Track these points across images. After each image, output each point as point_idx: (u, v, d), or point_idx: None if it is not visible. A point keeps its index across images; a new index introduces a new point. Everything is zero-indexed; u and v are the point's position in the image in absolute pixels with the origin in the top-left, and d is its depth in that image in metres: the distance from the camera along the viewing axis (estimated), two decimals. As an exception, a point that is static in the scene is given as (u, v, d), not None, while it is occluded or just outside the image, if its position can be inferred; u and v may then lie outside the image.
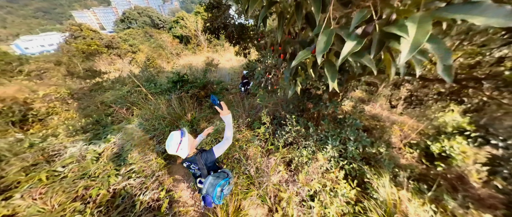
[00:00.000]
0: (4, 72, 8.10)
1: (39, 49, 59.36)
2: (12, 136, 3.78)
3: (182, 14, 27.51)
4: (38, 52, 47.33)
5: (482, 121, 3.05)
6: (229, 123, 1.64)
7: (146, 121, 4.67)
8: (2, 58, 8.30)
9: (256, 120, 4.13)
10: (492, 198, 2.68)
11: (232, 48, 7.67)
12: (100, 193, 2.73)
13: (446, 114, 3.44)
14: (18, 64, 9.13)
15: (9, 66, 8.60)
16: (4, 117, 5.29)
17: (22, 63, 9.35)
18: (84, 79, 9.12)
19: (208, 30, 6.31)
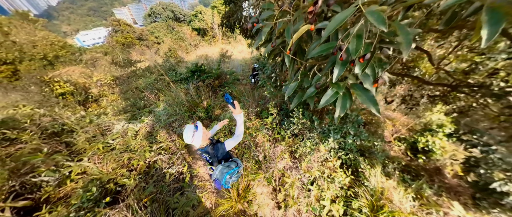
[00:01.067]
0: (70, 61, 8.71)
1: (92, 41, 62.76)
2: (78, 113, 4.06)
3: (200, 8, 26.07)
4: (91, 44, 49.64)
5: (463, 121, 2.85)
6: (240, 121, 1.55)
7: (169, 106, 4.73)
8: (68, 50, 9.02)
9: (264, 110, 4.02)
10: (460, 187, 2.70)
11: (244, 40, 7.22)
12: (139, 163, 2.90)
13: (433, 113, 3.25)
14: (79, 55, 9.72)
15: (73, 56, 9.20)
16: (75, 97, 5.78)
17: (81, 54, 9.99)
18: (123, 67, 9.39)
19: (224, 25, 5.91)
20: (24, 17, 8.92)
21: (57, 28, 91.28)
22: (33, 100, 4.62)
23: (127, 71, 8.95)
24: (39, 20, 10.32)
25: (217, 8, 22.35)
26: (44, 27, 9.67)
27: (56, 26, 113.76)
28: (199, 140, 1.50)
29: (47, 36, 8.43)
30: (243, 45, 14.13)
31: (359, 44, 0.56)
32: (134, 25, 23.57)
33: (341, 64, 0.63)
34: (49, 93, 5.44)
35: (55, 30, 63.62)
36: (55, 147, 2.81)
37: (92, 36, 68.47)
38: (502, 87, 1.84)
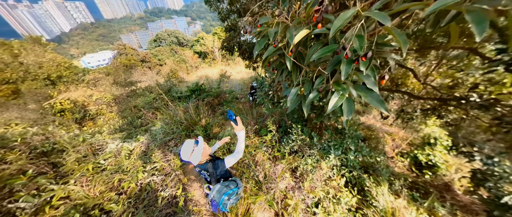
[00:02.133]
0: (73, 81, 9.03)
1: (97, 63, 66.51)
2: (72, 131, 3.94)
3: (202, 34, 28.39)
4: (95, 66, 52.27)
5: (460, 133, 2.90)
6: (242, 138, 1.53)
7: (167, 125, 4.67)
8: (72, 71, 9.47)
9: (263, 127, 4.01)
10: (475, 205, 2.58)
11: (242, 62, 7.68)
12: (130, 186, 2.69)
13: (428, 126, 3.32)
14: (82, 75, 10.10)
15: (76, 76, 9.56)
16: (72, 115, 5.78)
17: (84, 74, 10.40)
18: (124, 87, 9.63)
19: (224, 48, 6.39)
20: (36, 41, 9.48)
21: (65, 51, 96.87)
22: (28, 118, 4.52)
23: (127, 90, 9.13)
24: (50, 44, 10.95)
25: (218, 35, 24.42)
26: (53, 50, 10.19)
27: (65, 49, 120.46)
28: (198, 155, 1.43)
29: (54, 58, 8.81)
30: (241, 67, 14.93)
31: (361, 42, 0.59)
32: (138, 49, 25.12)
33: (347, 63, 0.64)
34: (49, 110, 5.39)
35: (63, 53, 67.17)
36: (42, 168, 2.63)
37: (97, 58, 72.20)
38: (486, 99, 1.95)
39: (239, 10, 5.36)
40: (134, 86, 10.01)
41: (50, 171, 2.66)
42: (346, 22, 0.61)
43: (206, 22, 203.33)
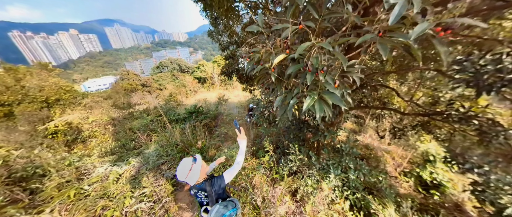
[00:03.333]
0: (71, 104, 9.08)
1: (97, 87, 68.98)
2: (59, 154, 3.72)
3: (203, 62, 30.49)
4: (95, 90, 53.57)
5: (457, 149, 2.92)
6: (243, 147, 1.54)
7: (161, 147, 4.51)
8: (72, 94, 9.62)
9: (260, 149, 3.93)
10: None
11: (240, 86, 8.08)
12: (114, 214, 2.40)
13: (423, 143, 3.36)
14: (81, 98, 10.22)
15: (74, 99, 9.66)
16: (65, 137, 5.57)
17: (83, 98, 10.53)
18: (122, 109, 9.64)
19: (224, 73, 6.85)
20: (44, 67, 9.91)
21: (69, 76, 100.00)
22: (15, 141, 4.30)
23: (124, 113, 9.09)
24: (55, 69, 11.43)
25: (217, 62, 26.32)
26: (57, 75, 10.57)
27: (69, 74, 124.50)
28: (196, 174, 1.37)
29: (57, 82, 9.04)
30: (238, 91, 15.55)
31: (316, 61, 0.92)
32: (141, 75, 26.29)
33: (310, 74, 0.94)
34: (41, 132, 5.20)
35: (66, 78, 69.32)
36: (17, 194, 2.37)
37: (99, 83, 74.36)
38: (463, 112, 2.11)
39: (237, 41, 6.07)
40: (132, 109, 10.04)
41: (26, 198, 2.40)
42: (306, 49, 0.92)
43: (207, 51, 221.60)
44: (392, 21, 0.68)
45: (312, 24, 1.00)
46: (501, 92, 1.53)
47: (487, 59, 1.57)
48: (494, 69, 1.49)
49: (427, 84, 2.68)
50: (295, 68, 1.00)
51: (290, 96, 1.10)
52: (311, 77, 0.92)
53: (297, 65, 1.00)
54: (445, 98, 2.45)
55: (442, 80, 2.41)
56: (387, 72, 2.65)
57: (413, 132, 3.06)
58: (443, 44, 0.69)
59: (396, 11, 0.67)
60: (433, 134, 2.79)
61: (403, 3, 0.67)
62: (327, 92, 0.96)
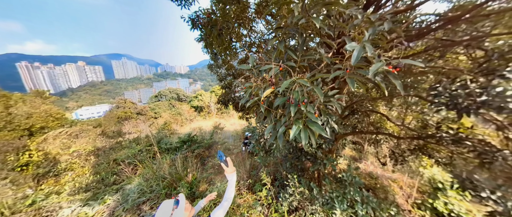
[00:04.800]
0: None
1: (89, 115, 67.23)
2: (23, 191, 3.18)
3: (201, 92, 31.66)
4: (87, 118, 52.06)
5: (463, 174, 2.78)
6: (232, 182, 1.39)
7: (146, 181, 4.04)
8: (60, 122, 9.18)
9: (257, 181, 3.59)
10: None
11: (236, 115, 8.14)
12: None
13: (427, 168, 3.21)
14: (68, 126, 9.72)
15: (62, 127, 9.15)
16: (37, 169, 4.95)
17: (71, 126, 10.02)
18: (111, 138, 9.09)
19: (221, 102, 7.05)
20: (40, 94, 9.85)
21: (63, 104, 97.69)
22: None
23: (112, 142, 8.54)
24: (51, 97, 11.35)
25: (215, 92, 27.45)
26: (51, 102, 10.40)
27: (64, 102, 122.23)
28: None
29: (49, 110, 8.80)
30: (235, 119, 15.58)
31: (297, 95, 1.06)
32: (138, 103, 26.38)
33: (293, 106, 1.06)
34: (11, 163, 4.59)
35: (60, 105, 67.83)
36: None
37: (92, 111, 73.03)
38: (453, 134, 2.14)
39: (233, 74, 6.63)
40: (121, 138, 9.51)
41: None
42: (289, 84, 1.09)
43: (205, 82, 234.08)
44: (353, 62, 0.88)
45: (293, 64, 1.23)
46: (479, 114, 1.63)
47: (456, 85, 1.75)
48: (465, 93, 1.65)
49: (413, 108, 2.85)
50: (281, 101, 1.16)
51: (279, 125, 1.20)
52: (294, 109, 1.05)
53: (283, 98, 1.16)
54: (433, 121, 2.55)
55: (426, 105, 2.58)
56: (374, 98, 2.86)
57: (413, 157, 2.98)
58: (396, 78, 0.88)
59: (355, 55, 0.89)
60: (434, 158, 2.72)
61: (360, 49, 0.89)
62: (310, 121, 1.07)
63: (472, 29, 2.28)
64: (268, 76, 1.24)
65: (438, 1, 3.21)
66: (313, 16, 1.11)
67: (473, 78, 1.76)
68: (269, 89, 1.17)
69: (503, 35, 1.92)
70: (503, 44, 1.97)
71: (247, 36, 5.06)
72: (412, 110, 2.97)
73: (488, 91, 1.58)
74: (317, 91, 1.03)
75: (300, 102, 1.06)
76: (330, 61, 1.17)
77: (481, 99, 1.59)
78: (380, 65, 0.84)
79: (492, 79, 1.68)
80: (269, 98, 1.33)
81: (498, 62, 1.82)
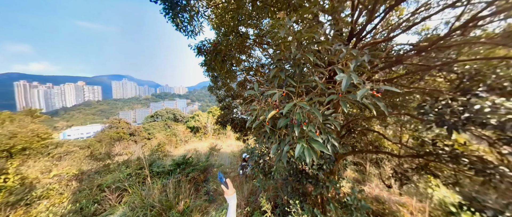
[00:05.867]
0: (37, 154, 7.84)
1: (78, 135, 63.08)
2: None
3: (198, 112, 31.57)
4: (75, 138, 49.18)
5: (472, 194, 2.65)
6: (233, 206, 1.31)
7: (132, 211, 3.62)
8: (44, 143, 8.55)
9: (256, 209, 3.29)
10: None
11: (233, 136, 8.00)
12: None
13: (434, 190, 3.05)
14: (54, 148, 9.07)
15: (46, 149, 8.50)
16: (9, 196, 4.37)
17: (56, 147, 9.34)
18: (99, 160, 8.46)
19: (219, 122, 7.03)
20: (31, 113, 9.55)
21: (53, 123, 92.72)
22: None
23: (99, 165, 7.92)
24: (42, 116, 10.98)
25: (212, 113, 27.43)
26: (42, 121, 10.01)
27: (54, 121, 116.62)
28: None
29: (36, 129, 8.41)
30: (231, 140, 15.18)
31: (299, 116, 1.16)
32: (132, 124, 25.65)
33: (296, 126, 1.14)
34: None
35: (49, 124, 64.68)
36: None
37: (82, 131, 69.50)
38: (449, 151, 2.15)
39: (232, 95, 6.86)
40: (110, 160, 8.88)
41: None
42: (291, 107, 1.21)
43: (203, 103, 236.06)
44: (343, 88, 1.06)
45: (292, 89, 1.41)
46: (466, 130, 1.71)
47: (441, 104, 1.89)
48: (449, 111, 1.77)
49: (408, 127, 2.93)
50: (285, 122, 1.26)
51: (283, 144, 1.28)
52: (298, 129, 1.14)
53: (286, 119, 1.26)
54: (428, 139, 2.59)
55: (418, 123, 2.66)
56: (368, 117, 2.98)
57: (417, 177, 2.88)
58: (379, 101, 1.06)
59: (344, 83, 1.07)
60: (439, 178, 2.63)
61: (347, 78, 1.08)
62: (312, 140, 1.15)
63: (441, 56, 2.63)
64: (272, 100, 1.38)
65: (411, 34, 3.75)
66: (308, 52, 1.33)
67: (453, 97, 1.92)
68: (273, 111, 1.28)
69: (466, 61, 2.26)
70: (470, 68, 2.26)
71: (246, 61, 5.48)
72: (407, 128, 3.06)
73: (469, 108, 1.72)
74: (316, 113, 1.14)
75: (302, 123, 1.15)
76: (324, 87, 1.33)
77: (465, 116, 1.71)
78: (365, 91, 1.01)
79: (469, 98, 1.85)
80: (272, 119, 1.43)
81: (470, 83, 2.06)
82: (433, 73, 2.80)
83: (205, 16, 3.99)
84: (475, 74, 2.08)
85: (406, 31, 2.84)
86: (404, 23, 3.26)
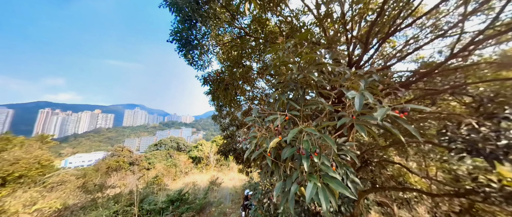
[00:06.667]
0: (31, 182, 7.56)
1: (80, 163, 62.33)
2: None
3: (202, 141, 31.05)
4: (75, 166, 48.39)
5: None
6: None
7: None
8: (42, 171, 8.40)
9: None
10: None
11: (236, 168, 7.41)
12: None
13: None
14: (49, 176, 8.79)
15: (42, 177, 8.24)
16: None
17: (52, 175, 9.07)
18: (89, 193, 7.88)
19: (221, 152, 6.69)
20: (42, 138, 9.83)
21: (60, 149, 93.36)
22: None
23: (88, 198, 7.26)
24: (51, 142, 11.23)
25: (216, 142, 26.81)
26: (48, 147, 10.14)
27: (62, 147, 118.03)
28: None
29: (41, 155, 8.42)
30: (234, 173, 14.01)
31: (307, 144, 0.95)
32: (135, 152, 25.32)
33: (305, 157, 0.91)
34: None
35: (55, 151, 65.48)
36: None
37: (84, 158, 69.23)
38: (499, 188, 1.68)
39: (236, 124, 6.81)
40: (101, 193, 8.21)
41: None
42: (296, 134, 1.04)
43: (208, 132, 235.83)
44: (358, 108, 0.89)
45: (296, 113, 1.25)
46: None
47: (465, 129, 1.64)
48: (481, 137, 1.50)
49: (432, 157, 2.49)
50: (290, 152, 1.05)
51: (289, 181, 1.03)
52: (307, 162, 0.92)
53: (291, 149, 1.06)
54: (463, 172, 2.13)
55: (444, 152, 2.27)
56: (384, 146, 2.62)
57: None
58: (407, 123, 0.85)
59: (357, 102, 0.90)
60: None
61: (361, 97, 0.92)
62: (327, 176, 0.92)
63: (448, 80, 2.55)
64: (274, 126, 1.22)
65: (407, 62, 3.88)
66: (311, 72, 1.26)
67: (478, 122, 1.69)
68: (275, 139, 1.09)
69: (477, 83, 2.16)
70: (485, 91, 2.12)
71: (250, 91, 5.72)
72: (431, 158, 2.61)
73: (504, 134, 1.46)
74: (328, 140, 0.94)
75: (312, 153, 0.93)
76: (332, 109, 1.18)
77: (503, 143, 1.43)
78: (386, 110, 0.82)
79: (499, 122, 1.61)
80: (276, 149, 1.23)
81: (492, 106, 1.86)
82: (444, 97, 2.66)
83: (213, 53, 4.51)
84: (495, 96, 1.91)
85: (402, 60, 2.94)
86: (398, 54, 3.45)
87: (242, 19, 3.62)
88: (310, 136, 1.00)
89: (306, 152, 0.94)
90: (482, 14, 2.53)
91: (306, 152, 0.94)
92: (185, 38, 3.23)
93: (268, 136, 1.22)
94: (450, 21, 2.92)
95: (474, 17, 2.54)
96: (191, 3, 2.75)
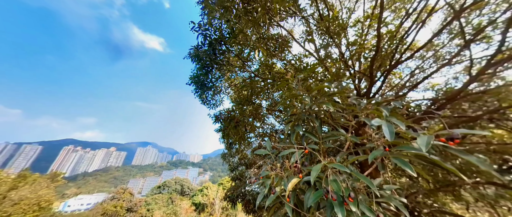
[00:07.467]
0: None
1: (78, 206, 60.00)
2: None
3: (208, 184, 28.53)
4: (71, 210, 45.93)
5: None
6: None
7: None
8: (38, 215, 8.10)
9: None
10: None
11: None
12: None
13: None
14: None
15: None
16: None
17: None
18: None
19: (228, 198, 5.92)
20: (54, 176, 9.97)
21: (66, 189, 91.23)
22: None
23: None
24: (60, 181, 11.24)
25: (223, 185, 24.32)
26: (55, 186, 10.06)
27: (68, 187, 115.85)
28: None
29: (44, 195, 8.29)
30: (241, 227, 11.58)
31: (337, 185, 0.72)
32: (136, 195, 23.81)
33: (339, 206, 0.68)
34: None
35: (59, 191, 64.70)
36: None
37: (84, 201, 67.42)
38: None
39: (246, 163, 6.33)
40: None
41: None
42: (319, 172, 0.83)
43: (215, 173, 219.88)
44: (390, 137, 0.71)
45: (315, 146, 1.08)
46: None
47: None
48: None
49: (501, 204, 1.75)
50: (315, 196, 0.80)
51: None
52: (343, 211, 0.66)
53: (317, 192, 0.81)
54: None
55: None
56: (430, 190, 1.96)
57: None
58: (466, 153, 0.60)
59: (387, 129, 0.72)
60: None
61: (389, 124, 0.74)
62: None
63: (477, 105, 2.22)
64: (291, 162, 1.01)
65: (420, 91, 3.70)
66: (324, 103, 1.15)
67: None
68: (295, 179, 0.86)
69: None
70: None
71: (260, 127, 5.67)
72: (501, 205, 1.84)
73: None
74: (365, 180, 0.70)
75: (346, 199, 0.69)
76: (358, 141, 0.99)
77: None
78: (431, 138, 0.62)
79: None
80: (295, 192, 0.98)
81: None
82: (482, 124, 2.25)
83: (225, 93, 4.96)
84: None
85: (413, 89, 2.85)
86: (408, 83, 3.40)
87: (251, 64, 4.17)
88: (337, 175, 0.80)
89: (337, 196, 0.70)
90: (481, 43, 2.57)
91: (338, 197, 0.70)
92: (202, 82, 3.69)
93: (284, 174, 1.01)
94: (450, 51, 3.01)
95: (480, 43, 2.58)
96: (210, 55, 3.32)
